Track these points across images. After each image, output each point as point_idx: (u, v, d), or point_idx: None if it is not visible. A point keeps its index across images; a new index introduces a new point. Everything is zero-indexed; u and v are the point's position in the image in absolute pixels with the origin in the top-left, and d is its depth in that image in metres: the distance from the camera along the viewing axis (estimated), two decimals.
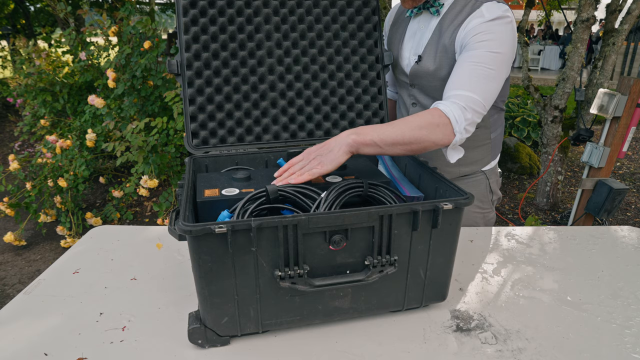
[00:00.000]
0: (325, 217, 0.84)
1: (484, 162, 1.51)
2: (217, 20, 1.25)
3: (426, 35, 1.35)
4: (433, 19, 1.33)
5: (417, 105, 1.45)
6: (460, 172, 1.50)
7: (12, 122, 7.12)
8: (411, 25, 1.41)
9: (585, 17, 3.38)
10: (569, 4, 14.29)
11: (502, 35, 1.18)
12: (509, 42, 1.18)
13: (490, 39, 1.17)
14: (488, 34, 1.17)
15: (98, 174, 4.38)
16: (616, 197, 2.76)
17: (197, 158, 1.25)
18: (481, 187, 1.53)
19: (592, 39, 11.08)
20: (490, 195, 1.55)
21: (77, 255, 1.29)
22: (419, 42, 1.37)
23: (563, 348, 0.92)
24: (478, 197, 1.52)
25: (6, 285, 3.06)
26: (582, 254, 1.30)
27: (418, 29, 1.38)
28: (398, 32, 1.46)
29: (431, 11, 1.32)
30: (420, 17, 1.38)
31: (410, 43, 1.40)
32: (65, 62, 4.31)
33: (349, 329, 0.97)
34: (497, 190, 1.58)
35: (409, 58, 1.40)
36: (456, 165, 1.47)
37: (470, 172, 1.51)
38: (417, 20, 1.39)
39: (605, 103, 2.68)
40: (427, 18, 1.35)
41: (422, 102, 1.42)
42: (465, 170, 1.50)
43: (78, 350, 0.91)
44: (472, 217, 1.53)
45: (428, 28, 1.34)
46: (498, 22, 1.18)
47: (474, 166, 1.50)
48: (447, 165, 1.46)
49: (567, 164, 5.33)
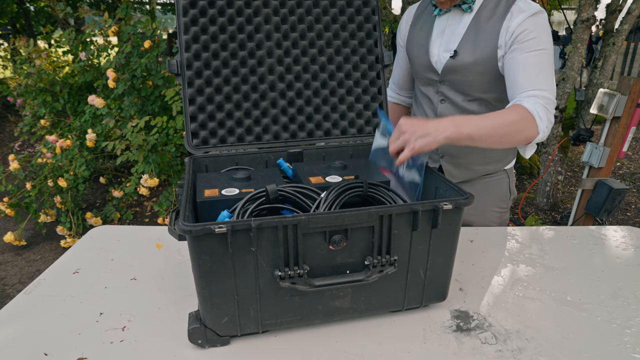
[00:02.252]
0: (325, 217, 0.84)
1: (507, 160, 1.53)
2: (217, 20, 1.25)
3: (459, 31, 1.36)
4: (465, 16, 1.36)
5: (445, 102, 1.45)
6: (485, 171, 1.52)
7: (12, 122, 7.12)
8: (438, 23, 1.43)
9: (585, 17, 3.38)
10: (569, 4, 14.28)
11: (547, 30, 1.24)
12: (550, 37, 1.25)
13: (540, 35, 1.23)
14: (535, 31, 1.23)
15: (98, 174, 4.38)
16: (616, 197, 2.75)
17: (197, 158, 1.25)
18: (502, 186, 1.55)
19: (592, 39, 11.07)
20: (509, 194, 1.58)
21: (77, 255, 1.29)
22: (450, 38, 1.38)
23: (563, 348, 0.92)
24: (498, 196, 1.55)
25: (6, 285, 3.06)
26: (582, 254, 1.30)
27: (447, 26, 1.40)
28: (422, 30, 1.46)
29: (463, 8, 1.34)
30: (449, 14, 1.40)
31: (439, 40, 1.41)
32: (65, 62, 4.31)
33: (349, 329, 0.97)
34: (514, 190, 1.60)
35: (439, 55, 1.41)
36: (483, 163, 1.49)
37: (495, 171, 1.53)
38: (444, 17, 1.41)
39: (605, 103, 2.68)
40: (458, 15, 1.37)
41: (452, 98, 1.43)
42: (491, 169, 1.52)
43: (78, 350, 0.91)
44: (488, 216, 1.55)
45: (461, 24, 1.36)
46: (541, 17, 1.24)
47: (499, 164, 1.52)
48: (475, 163, 1.49)
49: (567, 164, 5.33)
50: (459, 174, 1.51)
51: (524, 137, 1.16)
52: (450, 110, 1.45)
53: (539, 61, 1.22)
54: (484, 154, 1.48)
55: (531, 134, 1.17)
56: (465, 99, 1.40)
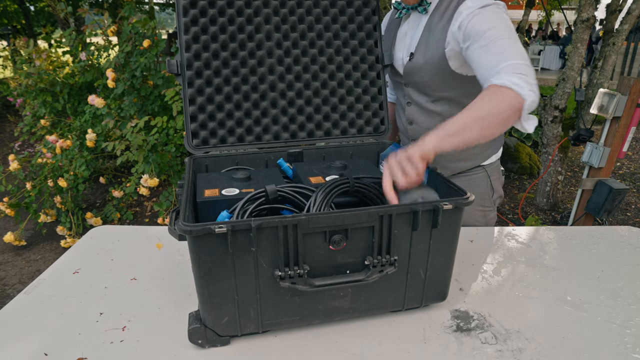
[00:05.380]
0: (326, 217, 0.84)
1: (484, 156, 1.50)
2: (217, 20, 1.25)
3: (417, 34, 1.38)
4: (422, 18, 1.38)
5: (411, 105, 1.47)
6: (459, 168, 1.50)
7: (12, 122, 7.12)
8: (402, 27, 1.46)
9: (585, 17, 3.38)
10: (569, 4, 14.28)
11: (502, 18, 1.19)
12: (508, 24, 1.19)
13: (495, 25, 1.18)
14: (487, 22, 1.19)
15: (98, 174, 4.38)
16: (616, 197, 2.75)
17: (197, 158, 1.25)
18: (482, 184, 1.52)
19: (592, 39, 11.07)
20: (491, 192, 1.54)
21: (77, 255, 1.29)
22: (410, 42, 1.41)
23: (563, 348, 0.92)
24: (479, 194, 1.51)
25: (6, 285, 3.06)
26: (582, 254, 1.30)
27: (409, 29, 1.43)
28: (390, 35, 1.50)
29: (419, 10, 1.37)
30: (410, 18, 1.43)
31: (401, 43, 1.45)
32: (66, 62, 4.31)
33: (349, 329, 0.97)
34: (498, 189, 1.57)
35: (402, 58, 1.44)
36: (455, 160, 1.47)
37: (470, 167, 1.51)
38: (407, 21, 1.44)
39: (605, 103, 2.68)
40: (417, 18, 1.40)
41: (417, 100, 1.44)
42: (465, 166, 1.50)
43: (78, 350, 0.91)
44: (472, 215, 1.52)
45: (418, 27, 1.39)
46: (488, 9, 1.21)
47: (473, 161, 1.50)
48: (447, 161, 1.47)
49: (567, 164, 5.33)
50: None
51: (508, 109, 1.05)
52: (417, 113, 1.46)
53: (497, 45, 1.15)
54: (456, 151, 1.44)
55: (515, 103, 1.06)
56: (429, 100, 1.42)
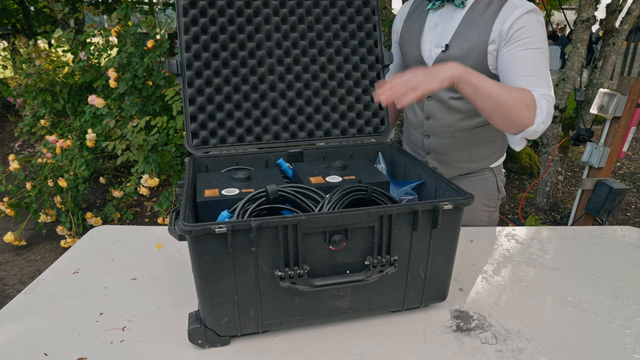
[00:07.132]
0: (325, 217, 0.84)
1: (493, 158, 1.53)
2: (217, 20, 1.25)
3: (451, 27, 1.36)
4: (458, 11, 1.36)
5: (432, 99, 1.45)
6: (470, 168, 1.52)
7: (12, 122, 7.12)
8: (431, 18, 1.43)
9: (585, 17, 3.38)
10: (569, 4, 14.28)
11: (543, 29, 1.24)
12: (545, 37, 1.25)
13: (536, 34, 1.22)
14: (532, 29, 1.22)
15: (98, 174, 4.38)
16: (616, 197, 2.75)
17: (197, 158, 1.25)
18: (489, 184, 1.54)
19: (592, 39, 11.07)
20: (497, 193, 1.57)
21: (77, 255, 1.29)
22: (442, 34, 1.38)
23: (563, 348, 0.92)
24: (486, 194, 1.54)
25: (6, 285, 3.06)
26: (582, 254, 1.30)
27: (440, 21, 1.40)
28: (415, 26, 1.47)
29: (456, 3, 1.34)
30: (442, 10, 1.40)
31: (430, 35, 1.42)
32: (65, 62, 4.31)
33: (349, 329, 0.97)
34: (502, 189, 1.60)
35: (430, 50, 1.41)
36: (467, 161, 1.49)
37: (480, 169, 1.52)
38: (437, 13, 1.41)
39: (605, 103, 2.68)
40: (451, 10, 1.38)
41: (439, 95, 1.43)
42: (475, 167, 1.51)
43: (78, 350, 0.91)
44: (478, 215, 1.54)
45: (453, 20, 1.36)
46: (536, 15, 1.24)
47: (484, 162, 1.51)
48: (460, 160, 1.49)
49: (567, 164, 5.33)
50: (444, 171, 1.52)
51: (520, 118, 1.14)
52: (437, 108, 1.45)
53: (536, 59, 1.22)
54: (469, 152, 1.48)
55: (527, 121, 1.15)
56: (453, 96, 1.40)
